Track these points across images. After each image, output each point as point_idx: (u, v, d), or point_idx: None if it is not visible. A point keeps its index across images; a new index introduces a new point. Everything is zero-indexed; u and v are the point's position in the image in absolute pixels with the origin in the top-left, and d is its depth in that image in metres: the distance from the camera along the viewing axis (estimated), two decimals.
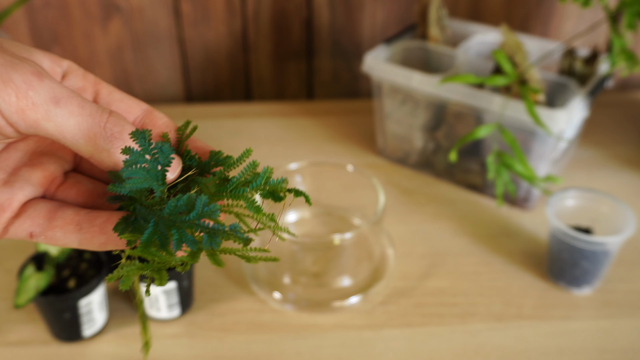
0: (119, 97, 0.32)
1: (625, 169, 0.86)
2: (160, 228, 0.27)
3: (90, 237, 0.29)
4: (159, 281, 0.28)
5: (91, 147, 0.28)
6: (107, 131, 0.28)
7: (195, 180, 0.31)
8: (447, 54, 0.84)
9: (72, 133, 0.27)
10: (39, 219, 0.30)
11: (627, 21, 0.65)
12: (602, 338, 0.61)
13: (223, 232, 0.27)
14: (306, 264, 0.68)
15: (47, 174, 0.31)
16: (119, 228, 0.28)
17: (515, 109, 0.71)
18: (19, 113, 0.26)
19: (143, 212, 0.28)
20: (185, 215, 0.27)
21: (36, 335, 0.61)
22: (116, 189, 0.28)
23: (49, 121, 0.27)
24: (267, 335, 0.61)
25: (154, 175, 0.29)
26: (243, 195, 0.29)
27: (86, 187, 0.32)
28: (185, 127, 0.32)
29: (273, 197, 0.30)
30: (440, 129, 0.82)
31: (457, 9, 0.99)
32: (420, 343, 0.60)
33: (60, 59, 0.31)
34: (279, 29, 0.99)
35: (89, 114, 0.28)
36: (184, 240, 0.27)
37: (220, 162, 0.31)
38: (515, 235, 0.74)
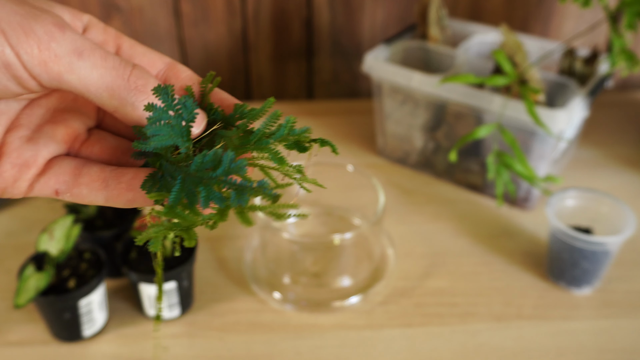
0: (141, 51, 0.32)
1: (625, 169, 0.86)
2: (187, 185, 0.27)
3: (117, 194, 0.29)
4: (188, 241, 0.27)
5: (115, 101, 0.27)
6: (130, 84, 0.27)
7: (219, 133, 0.30)
8: (447, 54, 0.84)
9: (96, 86, 0.27)
10: (64, 176, 0.29)
11: (627, 21, 0.65)
12: (602, 338, 0.61)
13: (251, 188, 0.26)
14: (306, 264, 0.68)
15: (71, 131, 0.31)
16: (147, 185, 0.28)
17: (515, 109, 0.71)
18: (42, 65, 0.25)
19: (169, 168, 0.28)
20: (212, 172, 0.26)
21: (36, 335, 0.61)
22: (141, 146, 0.28)
23: (72, 74, 0.26)
24: (267, 335, 0.61)
25: (178, 131, 0.28)
26: (267, 147, 0.29)
27: (110, 144, 0.31)
28: (208, 80, 0.32)
29: (298, 147, 0.29)
30: (440, 129, 0.82)
31: (457, 9, 0.99)
32: (420, 343, 0.60)
33: (80, 13, 0.31)
34: (279, 29, 0.99)
35: (112, 66, 0.27)
36: (211, 198, 0.26)
37: (245, 114, 0.30)
38: (515, 235, 0.74)
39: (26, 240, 0.72)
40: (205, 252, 0.71)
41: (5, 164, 0.29)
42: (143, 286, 0.60)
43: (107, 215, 0.68)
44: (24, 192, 0.29)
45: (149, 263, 0.61)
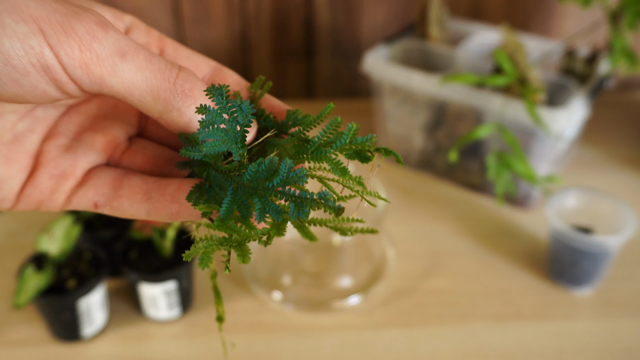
0: (185, 54, 0.30)
1: (625, 169, 0.86)
2: (239, 196, 0.24)
3: (161, 207, 0.26)
4: (241, 258, 0.25)
5: (160, 106, 0.25)
6: (177, 87, 0.25)
7: (271, 142, 0.28)
8: (447, 54, 0.84)
9: (140, 90, 0.25)
10: (103, 187, 0.27)
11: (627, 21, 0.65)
12: (602, 338, 0.61)
13: (312, 200, 0.24)
14: (306, 264, 0.68)
15: (111, 139, 0.29)
16: (193, 197, 0.25)
17: (515, 109, 0.70)
18: (83, 68, 0.23)
19: (219, 178, 0.26)
20: (268, 182, 0.24)
21: (36, 335, 0.60)
22: (190, 153, 0.26)
23: (114, 77, 0.24)
24: (267, 335, 0.61)
25: (232, 136, 0.26)
26: (326, 157, 0.26)
27: (152, 153, 0.29)
28: (258, 85, 0.29)
29: (360, 157, 0.26)
30: (440, 129, 0.82)
31: (457, 8, 0.99)
32: (420, 343, 0.60)
33: (122, 13, 0.29)
34: (279, 28, 0.99)
35: (158, 68, 0.25)
36: (267, 210, 0.24)
37: (299, 121, 0.28)
38: (515, 235, 0.74)
39: (26, 240, 0.72)
40: None
41: (42, 174, 0.27)
42: (143, 286, 0.60)
43: (107, 215, 0.68)
44: (62, 204, 0.28)
45: (149, 263, 0.61)
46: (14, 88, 0.23)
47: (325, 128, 0.26)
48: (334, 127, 0.26)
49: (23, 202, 0.27)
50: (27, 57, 0.23)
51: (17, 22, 0.22)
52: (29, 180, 0.27)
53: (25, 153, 0.27)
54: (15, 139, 0.26)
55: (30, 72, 0.23)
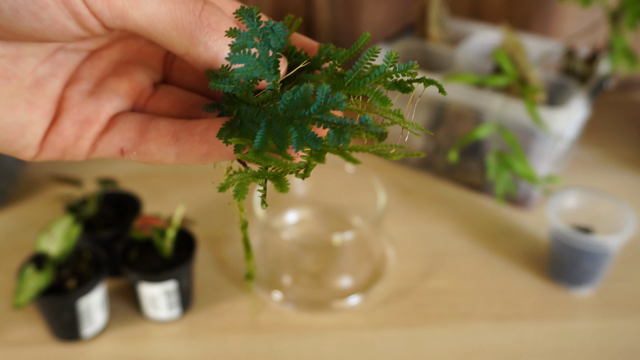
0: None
1: (625, 169, 0.86)
2: (274, 127, 0.23)
3: (190, 148, 0.25)
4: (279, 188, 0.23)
5: (186, 40, 0.24)
6: (203, 21, 0.24)
7: (303, 78, 0.26)
8: (447, 54, 0.84)
9: (164, 23, 0.23)
10: (129, 132, 0.26)
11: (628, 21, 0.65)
12: (602, 338, 0.61)
13: (352, 126, 0.22)
14: (306, 264, 0.68)
15: (135, 85, 0.28)
16: (224, 134, 0.24)
17: (515, 109, 0.70)
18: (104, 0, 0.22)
19: (250, 113, 0.24)
20: (305, 110, 0.22)
21: (36, 335, 0.60)
22: (220, 85, 0.24)
23: (137, 9, 0.23)
24: (267, 335, 0.61)
25: (265, 62, 0.24)
26: (365, 87, 0.24)
27: (178, 97, 0.28)
28: (287, 24, 0.28)
29: (400, 87, 0.25)
30: (440, 129, 0.82)
31: (457, 8, 0.99)
32: (420, 343, 0.60)
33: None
34: None
35: (182, 0, 0.24)
36: (305, 139, 0.22)
37: (332, 55, 0.27)
38: (515, 235, 0.74)
39: (26, 240, 0.72)
40: (205, 252, 0.71)
41: (66, 120, 0.26)
42: (143, 286, 0.60)
43: (107, 215, 0.68)
44: (87, 152, 0.27)
45: (149, 263, 0.61)
46: (33, 22, 0.22)
47: (362, 58, 0.25)
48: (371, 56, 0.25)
49: (47, 150, 0.26)
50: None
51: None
52: (52, 126, 0.26)
53: (48, 98, 0.26)
54: (36, 83, 0.26)
55: (49, 4, 0.22)
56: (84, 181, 0.74)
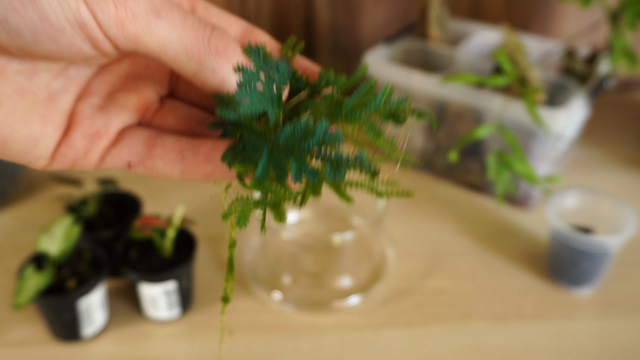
0: (216, 14, 0.30)
1: (625, 169, 0.86)
2: (275, 157, 0.24)
3: (194, 167, 0.27)
4: (278, 217, 0.25)
5: (194, 65, 0.25)
6: (211, 46, 0.25)
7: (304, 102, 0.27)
8: (447, 54, 0.84)
9: (174, 48, 0.25)
10: (137, 147, 0.27)
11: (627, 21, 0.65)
12: (602, 338, 0.61)
13: (348, 161, 0.24)
14: (306, 264, 0.68)
15: (143, 99, 0.29)
16: (228, 157, 0.25)
17: (515, 109, 0.70)
18: (118, 25, 0.23)
19: (253, 139, 0.25)
20: (304, 143, 0.24)
21: (36, 335, 0.60)
22: (227, 113, 0.25)
23: (149, 34, 0.24)
24: (267, 335, 0.61)
25: (268, 97, 0.26)
26: (360, 118, 0.25)
27: (184, 113, 0.29)
28: (289, 47, 0.29)
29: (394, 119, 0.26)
30: (440, 129, 0.82)
31: (457, 8, 0.99)
32: (420, 343, 0.60)
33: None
34: (279, 28, 0.99)
35: (192, 26, 0.25)
36: (304, 171, 0.23)
37: (332, 82, 0.28)
38: (515, 235, 0.74)
39: (26, 240, 0.72)
40: (205, 252, 0.71)
41: (77, 133, 0.27)
42: (143, 286, 0.60)
43: (107, 215, 0.68)
44: (95, 164, 0.28)
45: (149, 263, 0.61)
46: (50, 45, 0.23)
47: (359, 89, 0.26)
48: (368, 87, 0.26)
49: (58, 161, 0.27)
50: (64, 13, 0.23)
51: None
52: (63, 139, 0.27)
53: (60, 112, 0.27)
54: (50, 97, 0.27)
55: (66, 29, 0.23)
56: (84, 181, 0.74)
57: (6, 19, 0.22)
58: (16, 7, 0.22)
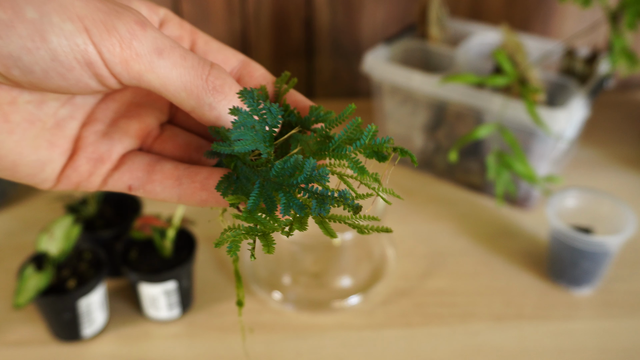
0: (215, 47, 0.31)
1: (625, 169, 0.86)
2: (266, 190, 0.26)
3: (191, 193, 0.28)
4: (266, 248, 0.26)
5: (193, 101, 0.27)
6: (209, 84, 0.27)
7: (295, 137, 0.29)
8: (447, 54, 0.84)
9: (175, 85, 0.26)
10: (137, 172, 0.29)
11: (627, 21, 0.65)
12: (602, 338, 0.61)
13: (332, 197, 0.25)
14: (306, 264, 0.68)
15: (144, 126, 0.31)
16: (222, 187, 0.27)
17: (515, 109, 0.70)
18: (123, 64, 0.25)
19: (246, 171, 0.27)
20: (293, 178, 0.26)
21: (36, 335, 0.60)
22: (222, 148, 0.27)
23: (152, 73, 0.26)
24: (267, 335, 0.61)
25: (261, 136, 0.27)
26: (346, 155, 0.28)
27: (183, 140, 0.31)
28: (283, 81, 0.31)
29: (377, 156, 0.28)
30: (440, 129, 0.82)
31: (457, 8, 0.99)
32: (420, 343, 0.60)
33: (157, 7, 0.31)
34: (279, 28, 0.99)
35: (191, 65, 0.27)
36: (291, 205, 0.26)
37: (321, 118, 0.30)
38: (515, 235, 0.74)
39: (26, 240, 0.72)
40: (205, 252, 0.71)
41: (81, 158, 0.29)
42: (143, 286, 0.60)
43: (107, 215, 0.68)
44: (98, 186, 0.30)
45: (149, 263, 0.61)
46: (60, 81, 0.25)
47: (346, 127, 0.28)
48: (354, 127, 0.28)
49: (63, 183, 0.29)
50: (73, 53, 0.24)
51: (64, 21, 0.24)
52: (68, 163, 0.29)
53: (66, 138, 0.29)
54: (57, 124, 0.28)
55: (75, 67, 0.25)
56: None
57: (20, 58, 0.24)
58: (29, 47, 0.24)
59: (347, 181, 0.29)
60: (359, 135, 0.28)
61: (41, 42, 0.24)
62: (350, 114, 0.29)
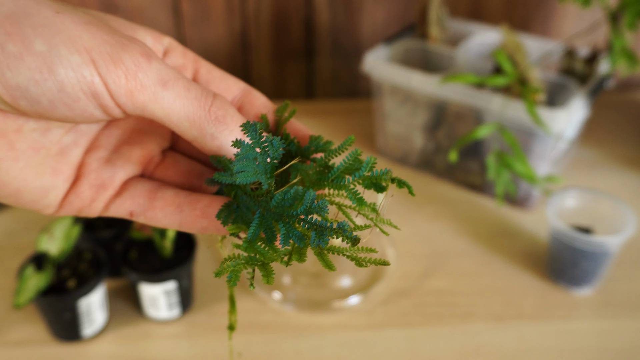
0: (218, 76, 0.32)
1: (625, 169, 0.86)
2: (266, 221, 0.27)
3: (192, 221, 0.29)
4: (266, 278, 0.27)
5: (195, 131, 0.27)
6: (211, 115, 0.27)
7: (295, 166, 0.30)
8: (447, 54, 0.84)
9: (178, 116, 0.27)
10: (139, 198, 0.30)
11: (627, 21, 0.65)
12: (602, 338, 0.61)
13: (331, 229, 0.26)
14: (306, 264, 0.68)
15: (146, 153, 0.31)
16: (222, 215, 0.28)
17: (515, 109, 0.70)
18: (128, 95, 0.26)
19: (246, 201, 0.28)
20: (293, 209, 0.26)
21: (36, 335, 0.60)
22: (224, 178, 0.28)
23: (156, 103, 0.26)
24: (267, 335, 0.61)
25: (263, 168, 0.28)
26: (345, 185, 0.28)
27: (184, 167, 0.32)
28: (283, 110, 0.32)
29: (375, 187, 0.28)
30: (440, 129, 0.82)
31: (457, 8, 0.99)
32: (420, 343, 0.60)
33: (161, 36, 0.31)
34: (279, 28, 0.99)
35: (194, 97, 0.27)
36: (290, 236, 0.26)
37: (321, 148, 0.30)
38: (515, 235, 0.74)
39: (26, 240, 0.72)
40: (205, 252, 0.71)
41: (84, 184, 0.29)
42: (143, 286, 0.60)
43: None
44: (100, 212, 0.30)
45: (149, 263, 0.61)
46: (66, 111, 0.26)
47: (346, 158, 0.28)
48: (354, 158, 0.28)
49: (65, 209, 0.29)
50: (79, 85, 0.25)
51: (71, 54, 0.24)
52: (71, 189, 0.29)
53: (70, 165, 0.29)
54: (61, 151, 0.29)
55: (81, 98, 0.25)
56: None
57: (28, 89, 0.24)
58: (37, 79, 0.24)
59: (346, 212, 0.29)
60: (358, 165, 0.28)
61: (49, 74, 0.24)
62: (350, 144, 0.30)
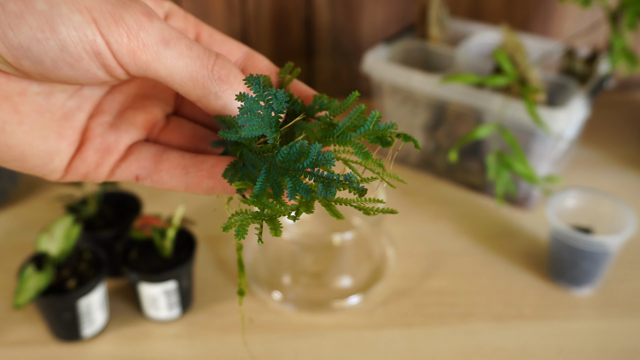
0: (219, 39, 0.32)
1: (625, 169, 0.86)
2: (272, 176, 0.27)
3: (198, 182, 0.29)
4: (274, 231, 0.27)
5: (199, 90, 0.27)
6: (214, 74, 0.27)
7: (299, 125, 0.30)
8: (447, 54, 0.84)
9: (181, 75, 0.27)
10: (145, 161, 0.30)
11: (628, 21, 0.65)
12: (602, 338, 0.61)
13: (338, 181, 0.26)
14: (306, 264, 0.68)
15: (150, 117, 0.31)
16: (228, 174, 0.28)
17: (515, 109, 0.70)
18: (130, 54, 0.26)
19: (252, 158, 0.28)
20: (299, 163, 0.26)
21: (36, 335, 0.60)
22: (228, 135, 0.28)
23: (158, 63, 0.26)
24: (267, 335, 0.61)
25: (267, 122, 0.28)
26: (351, 141, 0.28)
27: (188, 131, 0.32)
28: (287, 71, 0.31)
29: (381, 142, 0.29)
30: (440, 129, 0.82)
31: (457, 8, 0.99)
32: (420, 343, 0.60)
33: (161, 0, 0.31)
34: (279, 28, 0.99)
35: (197, 56, 0.27)
36: (298, 189, 0.26)
37: (325, 106, 0.30)
38: (515, 235, 0.74)
39: (26, 240, 0.72)
40: (205, 252, 0.71)
41: (89, 149, 0.29)
42: (143, 286, 0.60)
43: (107, 215, 0.68)
44: (106, 176, 0.30)
45: (149, 263, 0.61)
46: (69, 71, 0.26)
47: (350, 114, 0.28)
48: (358, 113, 0.28)
49: (71, 174, 0.29)
50: (82, 44, 0.25)
51: (73, 13, 0.24)
52: (76, 154, 0.29)
53: (74, 129, 0.29)
54: (65, 115, 0.29)
55: (83, 58, 0.25)
56: None
57: (30, 48, 0.24)
58: (39, 38, 0.24)
59: (352, 166, 0.29)
60: (362, 121, 0.28)
61: (51, 33, 0.24)
62: (354, 101, 0.30)
